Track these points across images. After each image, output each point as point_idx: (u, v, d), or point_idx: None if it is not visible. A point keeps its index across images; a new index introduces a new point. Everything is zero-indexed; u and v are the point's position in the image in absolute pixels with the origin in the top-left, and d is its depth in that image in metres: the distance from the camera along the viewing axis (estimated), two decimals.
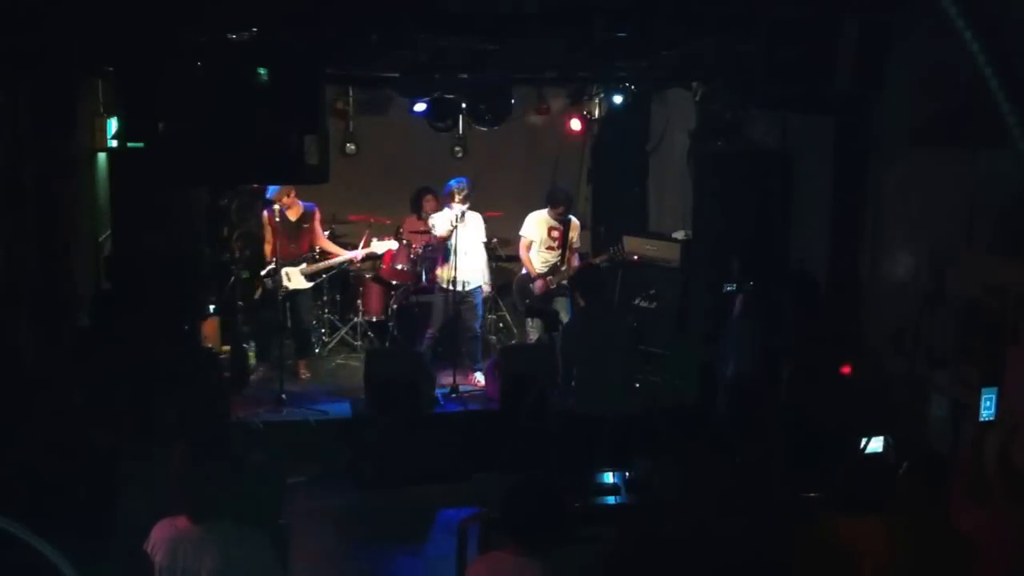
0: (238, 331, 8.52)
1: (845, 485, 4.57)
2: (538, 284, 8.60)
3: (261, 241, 8.48)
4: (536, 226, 8.75)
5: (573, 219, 8.80)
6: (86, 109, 7.05)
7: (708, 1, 5.53)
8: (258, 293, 8.50)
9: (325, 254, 8.63)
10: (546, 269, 8.66)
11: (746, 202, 7.94)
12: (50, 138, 6.18)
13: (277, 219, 8.24)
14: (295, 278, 8.32)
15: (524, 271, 8.77)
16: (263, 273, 8.31)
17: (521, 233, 8.84)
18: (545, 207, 8.78)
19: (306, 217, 8.35)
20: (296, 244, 8.31)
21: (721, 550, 5.08)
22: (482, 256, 8.71)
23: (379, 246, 8.77)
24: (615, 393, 6.44)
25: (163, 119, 4.58)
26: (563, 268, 8.61)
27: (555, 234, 8.69)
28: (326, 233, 8.89)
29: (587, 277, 6.79)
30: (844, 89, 5.62)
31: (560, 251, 8.68)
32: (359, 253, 8.74)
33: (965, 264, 5.58)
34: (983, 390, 4.42)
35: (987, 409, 4.38)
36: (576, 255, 8.81)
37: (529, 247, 8.75)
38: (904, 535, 3.60)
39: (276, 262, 8.20)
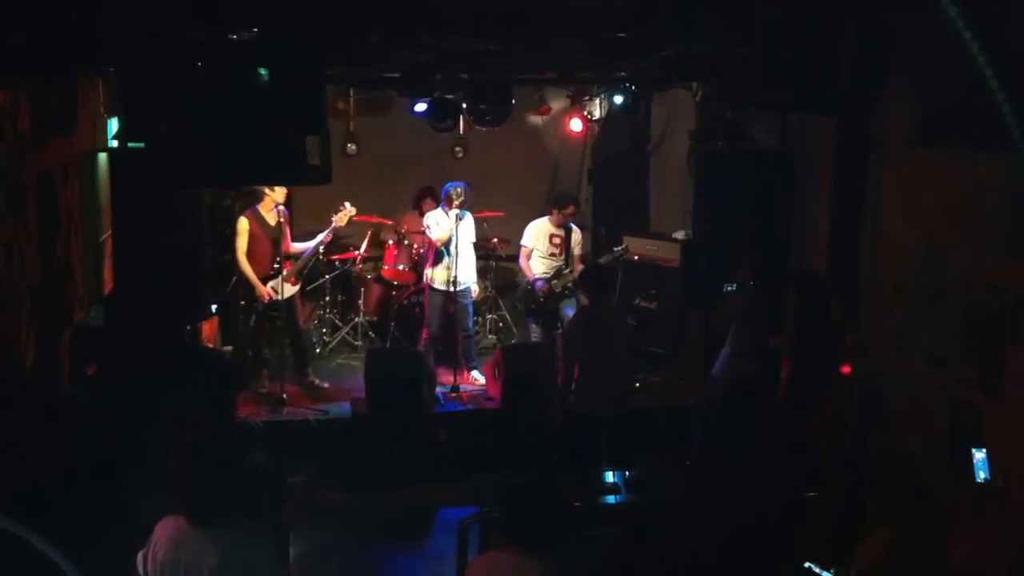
0: (238, 331, 8.50)
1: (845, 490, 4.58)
2: (539, 285, 8.60)
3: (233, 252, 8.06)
4: (537, 235, 8.71)
5: (575, 228, 8.79)
6: (86, 109, 7.05)
7: (708, 1, 5.53)
8: (265, 323, 8.21)
9: (294, 256, 8.30)
10: (550, 274, 8.65)
11: (746, 202, 7.94)
12: (50, 138, 6.18)
13: (259, 224, 7.95)
14: (287, 288, 8.03)
15: (527, 278, 8.76)
16: (269, 285, 7.97)
17: (521, 243, 8.80)
18: (548, 213, 8.75)
19: (281, 218, 8.01)
20: (276, 249, 7.96)
21: (720, 550, 5.09)
22: (472, 256, 8.69)
23: (339, 218, 8.27)
24: (615, 393, 6.45)
25: (163, 119, 4.58)
26: (567, 271, 8.59)
27: (556, 241, 8.69)
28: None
29: (594, 276, 6.79)
30: (844, 89, 5.63)
31: (563, 257, 8.67)
32: (325, 235, 8.33)
33: (965, 264, 5.58)
34: (972, 450, 4.40)
35: (981, 466, 4.35)
36: (579, 260, 8.78)
37: (529, 256, 8.72)
38: (901, 545, 3.59)
39: (271, 271, 7.96)
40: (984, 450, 4.35)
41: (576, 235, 8.78)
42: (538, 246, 8.70)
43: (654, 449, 6.75)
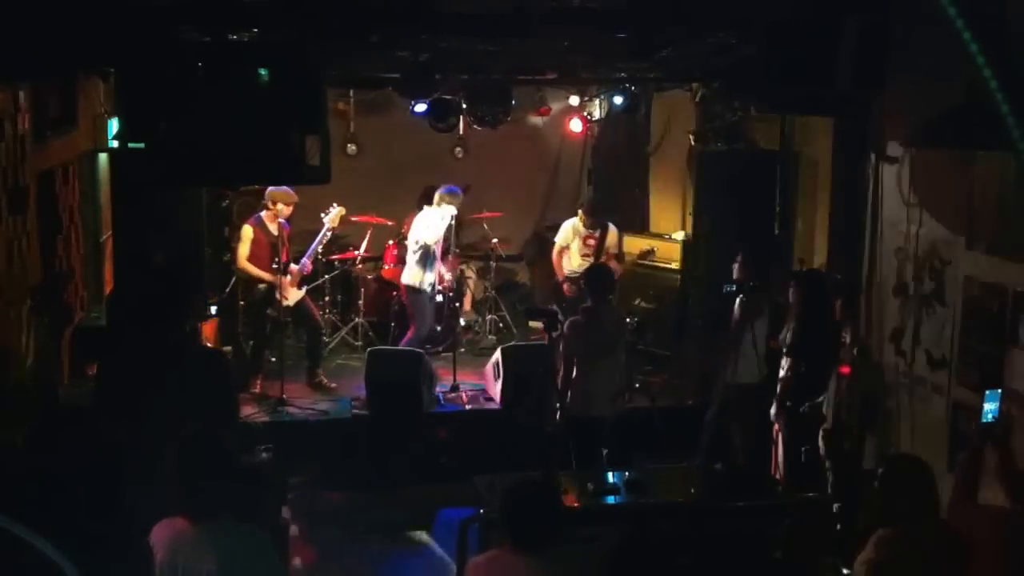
0: (238, 331, 8.50)
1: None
2: (565, 287, 8.70)
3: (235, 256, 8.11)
4: (569, 233, 8.84)
5: (611, 227, 8.83)
6: (86, 109, 7.05)
7: (708, 2, 5.53)
8: (268, 327, 8.25)
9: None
10: (578, 273, 8.65)
11: (746, 202, 7.94)
12: (50, 138, 6.18)
13: (263, 232, 8.00)
14: (291, 294, 8.07)
15: (558, 277, 8.90)
16: (268, 308, 8.07)
17: (555, 239, 8.95)
18: (550, 215, 8.96)
19: (281, 230, 8.01)
20: (276, 256, 7.96)
21: (720, 550, 5.08)
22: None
23: (330, 218, 8.42)
24: (615, 394, 6.44)
25: (163, 119, 4.58)
26: None
27: (590, 242, 8.75)
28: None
29: (598, 277, 6.78)
30: (844, 89, 5.63)
31: (594, 258, 8.63)
32: (320, 238, 8.46)
33: (965, 264, 5.58)
34: (986, 392, 4.41)
35: (990, 411, 4.37)
36: (614, 259, 8.71)
37: (561, 253, 8.84)
38: (904, 543, 3.58)
39: (270, 284, 7.99)
40: (998, 391, 4.37)
41: (612, 236, 8.79)
42: (571, 244, 8.81)
43: (654, 449, 6.73)
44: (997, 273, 5.30)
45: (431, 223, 8.43)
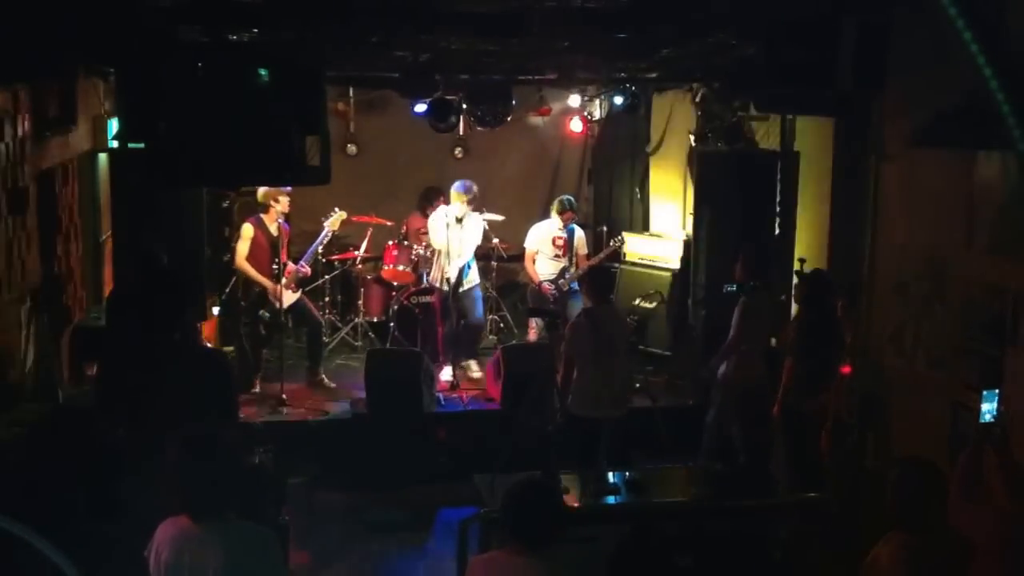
0: (239, 332, 8.50)
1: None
2: (543, 287, 8.77)
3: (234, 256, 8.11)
4: (539, 237, 8.93)
5: (577, 229, 8.98)
6: (86, 109, 7.05)
7: (708, 2, 5.53)
8: (261, 327, 8.25)
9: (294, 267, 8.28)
10: (556, 275, 8.80)
11: (746, 202, 7.95)
12: (50, 138, 6.19)
13: (263, 232, 7.99)
14: (286, 296, 8.03)
15: (534, 282, 8.91)
16: (261, 309, 8.10)
17: (525, 246, 9.01)
18: (547, 216, 9.05)
19: (281, 230, 8.01)
20: (275, 256, 7.96)
21: (720, 550, 5.08)
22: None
23: (331, 223, 8.47)
24: (615, 394, 6.44)
25: (163, 119, 4.58)
26: (572, 270, 8.75)
27: (559, 243, 8.90)
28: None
29: (599, 278, 6.79)
30: (844, 89, 5.63)
31: (567, 258, 8.85)
32: (320, 240, 8.54)
33: (965, 264, 5.58)
34: (984, 392, 4.42)
35: (988, 411, 4.37)
36: (585, 259, 8.95)
37: (534, 258, 8.89)
38: (920, 549, 3.57)
39: (267, 288, 8.00)
40: (996, 391, 4.37)
41: (579, 235, 8.97)
42: (542, 248, 8.88)
43: (654, 449, 6.73)
44: (997, 273, 5.29)
45: (433, 227, 8.55)
